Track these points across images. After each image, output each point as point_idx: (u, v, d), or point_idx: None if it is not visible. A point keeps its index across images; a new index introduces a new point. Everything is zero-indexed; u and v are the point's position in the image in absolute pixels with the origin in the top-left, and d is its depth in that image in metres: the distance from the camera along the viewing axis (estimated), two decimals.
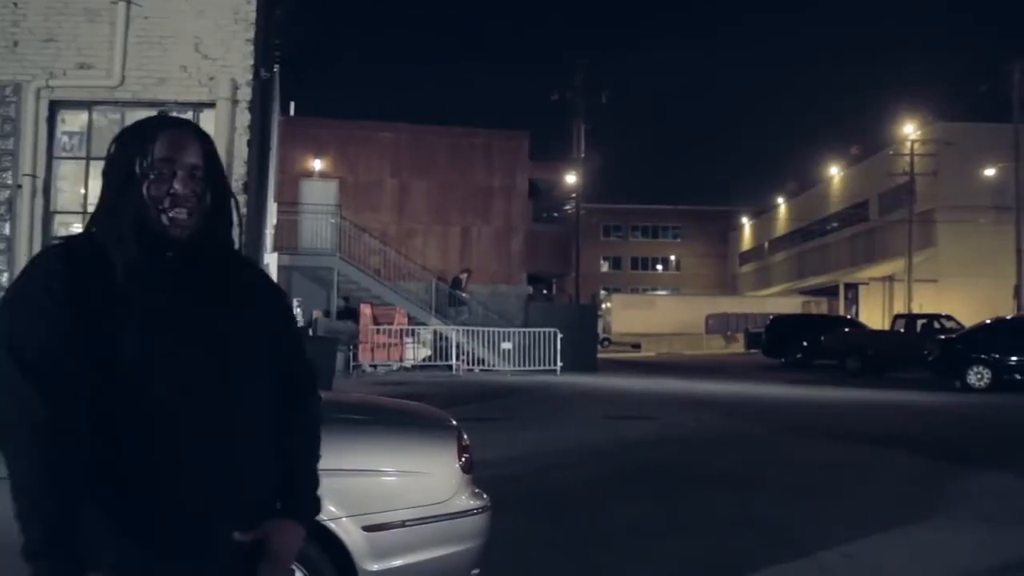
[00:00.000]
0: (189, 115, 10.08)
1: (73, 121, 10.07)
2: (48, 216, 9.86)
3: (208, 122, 9.94)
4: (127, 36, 9.79)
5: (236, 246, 1.87)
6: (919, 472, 9.13)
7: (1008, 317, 24.01)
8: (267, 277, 2.00)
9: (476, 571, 4.09)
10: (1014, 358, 19.82)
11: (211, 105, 9.83)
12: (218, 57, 9.91)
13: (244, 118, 9.82)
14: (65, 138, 10.06)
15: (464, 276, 26.37)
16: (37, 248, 9.80)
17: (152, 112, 10.09)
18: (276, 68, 15.62)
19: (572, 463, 9.36)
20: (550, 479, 8.46)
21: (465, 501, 4.01)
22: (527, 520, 6.50)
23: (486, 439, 10.34)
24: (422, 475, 3.96)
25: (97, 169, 10.14)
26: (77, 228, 10.02)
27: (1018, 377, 19.66)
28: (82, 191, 10.06)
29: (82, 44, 9.79)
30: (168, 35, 9.87)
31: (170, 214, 1.71)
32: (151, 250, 1.70)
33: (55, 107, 9.87)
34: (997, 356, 19.84)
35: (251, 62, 9.97)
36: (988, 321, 22.25)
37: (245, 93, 9.89)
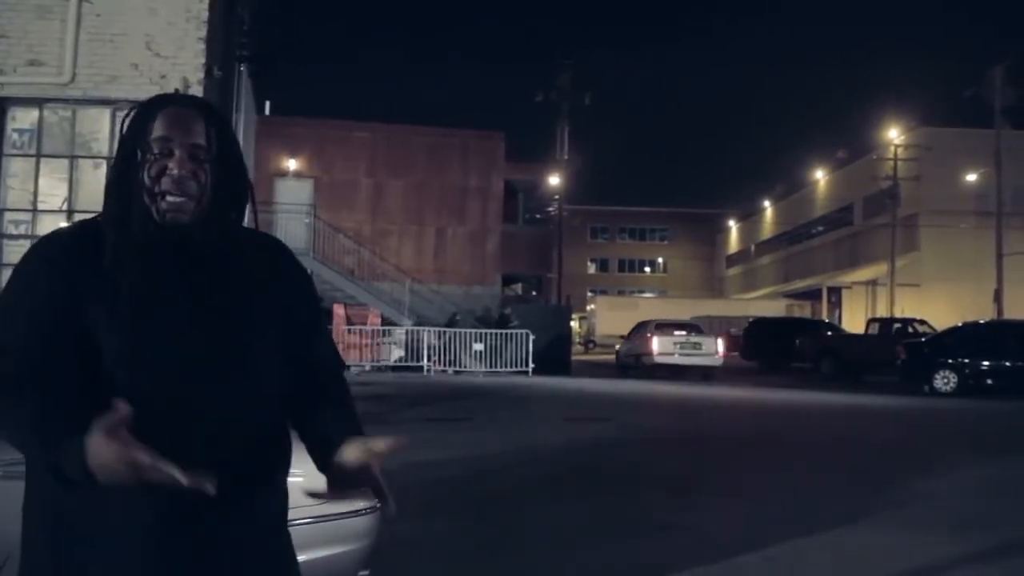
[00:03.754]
0: None
1: (23, 118, 10.06)
2: None
3: None
4: (78, 33, 9.80)
5: (254, 227, 1.77)
6: (857, 476, 9.15)
7: (980, 322, 24.10)
8: (291, 260, 1.85)
9: (365, 572, 4.09)
10: (979, 363, 19.88)
11: None
12: (170, 55, 9.93)
13: None
14: (15, 135, 10.04)
15: (509, 312, 26.49)
16: None
17: (104, 110, 10.13)
18: (243, 67, 15.58)
19: (518, 464, 9.36)
20: (492, 480, 8.47)
21: (351, 501, 4.01)
22: (456, 521, 6.52)
23: (442, 440, 10.38)
24: (303, 474, 3.96)
25: (47, 167, 10.13)
26: (26, 226, 10.01)
27: (985, 382, 19.71)
28: (32, 189, 10.02)
29: (33, 41, 9.79)
30: (119, 33, 9.89)
31: (167, 198, 1.60)
32: (147, 235, 1.60)
33: (5, 104, 9.88)
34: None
35: (203, 60, 10.00)
36: (958, 325, 22.33)
37: (197, 92, 9.87)
